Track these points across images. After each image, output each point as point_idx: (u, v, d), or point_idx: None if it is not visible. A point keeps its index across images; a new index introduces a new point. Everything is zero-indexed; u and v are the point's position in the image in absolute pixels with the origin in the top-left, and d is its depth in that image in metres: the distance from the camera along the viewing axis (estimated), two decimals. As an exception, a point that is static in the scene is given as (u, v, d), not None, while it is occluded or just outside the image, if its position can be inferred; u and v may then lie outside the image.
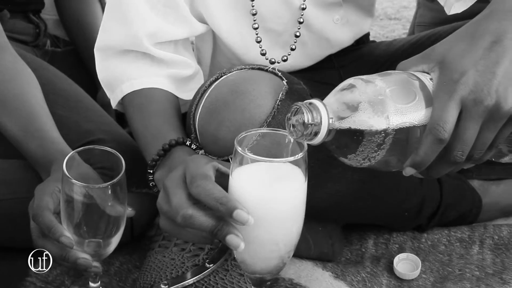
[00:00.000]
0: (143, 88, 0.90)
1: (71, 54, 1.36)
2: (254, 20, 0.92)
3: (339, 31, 1.01)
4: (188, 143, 0.82)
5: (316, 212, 0.92)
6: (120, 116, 1.25)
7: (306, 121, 0.63)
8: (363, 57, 1.11)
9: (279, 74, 0.84)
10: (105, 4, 1.39)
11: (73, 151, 0.77)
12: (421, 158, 0.64)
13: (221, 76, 0.83)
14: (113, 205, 0.76)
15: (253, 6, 0.92)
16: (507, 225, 1.06)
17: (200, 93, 0.83)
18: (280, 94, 0.80)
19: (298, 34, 0.96)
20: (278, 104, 0.80)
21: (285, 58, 0.97)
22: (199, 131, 0.82)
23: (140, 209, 0.92)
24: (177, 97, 0.93)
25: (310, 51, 1.01)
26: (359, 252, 1.00)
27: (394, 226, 1.02)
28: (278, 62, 0.96)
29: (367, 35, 1.13)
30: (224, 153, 0.80)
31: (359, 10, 1.03)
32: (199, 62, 1.01)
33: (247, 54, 0.96)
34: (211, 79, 0.83)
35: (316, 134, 0.64)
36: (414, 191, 0.98)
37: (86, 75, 1.33)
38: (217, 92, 0.81)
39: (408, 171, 0.66)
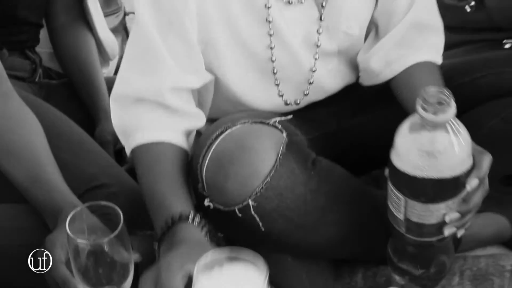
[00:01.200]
0: (153, 143, 0.93)
1: (65, 87, 1.39)
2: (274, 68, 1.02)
3: (332, 79, 1.09)
4: (190, 218, 0.86)
5: (311, 253, 0.99)
6: (119, 153, 1.29)
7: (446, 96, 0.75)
8: (348, 93, 1.18)
9: (279, 127, 0.90)
10: (98, 38, 1.42)
11: (76, 209, 0.81)
12: (484, 172, 0.82)
13: (226, 130, 0.88)
14: (119, 253, 0.80)
15: (272, 54, 1.00)
16: (485, 256, 1.13)
17: (207, 145, 0.88)
18: (281, 147, 0.87)
19: (311, 81, 1.06)
20: (280, 157, 0.86)
21: (298, 101, 1.07)
22: (206, 182, 0.87)
23: (145, 251, 0.97)
24: (186, 152, 0.96)
25: (299, 91, 1.08)
26: (349, 285, 1.07)
27: (383, 260, 1.09)
28: (291, 105, 1.06)
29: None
30: (230, 203, 0.86)
31: (351, 61, 1.10)
32: (200, 104, 1.05)
33: (255, 97, 1.04)
34: (217, 133, 0.88)
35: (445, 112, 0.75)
36: None
37: (82, 109, 1.36)
38: (223, 146, 0.87)
39: (473, 183, 0.81)
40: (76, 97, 1.38)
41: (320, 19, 1.00)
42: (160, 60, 0.93)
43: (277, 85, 1.04)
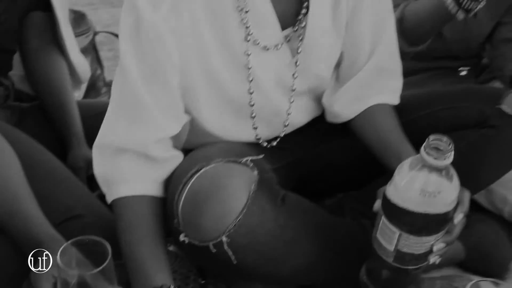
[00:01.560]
0: (135, 196, 0.97)
1: (37, 110, 1.40)
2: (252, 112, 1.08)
3: (302, 116, 1.16)
4: None
5: (281, 282, 1.05)
6: (91, 178, 1.32)
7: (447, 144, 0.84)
8: (314, 123, 1.24)
9: (251, 165, 0.95)
10: (70, 62, 1.44)
11: (66, 243, 0.85)
12: (466, 207, 0.91)
13: (201, 169, 0.93)
14: (104, 285, 0.85)
15: (251, 98, 1.05)
16: (440, 277, 1.21)
17: (183, 183, 0.92)
18: (253, 186, 0.92)
19: (287, 123, 1.13)
20: (251, 195, 0.92)
21: (274, 144, 1.13)
22: (182, 218, 0.92)
23: (119, 280, 1.01)
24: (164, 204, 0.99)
25: (275, 132, 1.15)
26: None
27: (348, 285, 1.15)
28: (267, 143, 1.13)
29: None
30: (204, 239, 0.91)
31: (318, 97, 1.17)
32: (176, 138, 1.08)
33: (231, 136, 1.09)
34: (192, 171, 0.93)
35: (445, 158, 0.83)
36: (363, 250, 1.11)
37: (54, 133, 1.37)
38: (198, 185, 0.91)
39: (460, 217, 0.90)
40: (48, 121, 1.39)
41: (296, 64, 1.06)
42: (146, 112, 0.96)
43: (255, 128, 1.10)
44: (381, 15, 1.10)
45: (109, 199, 1.00)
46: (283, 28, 1.02)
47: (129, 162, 0.97)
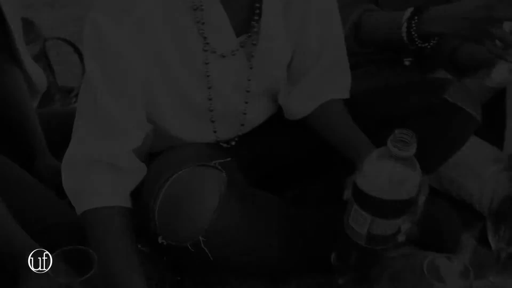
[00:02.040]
0: (105, 207, 0.99)
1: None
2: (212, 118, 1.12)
3: (260, 116, 1.23)
4: None
5: (253, 273, 1.12)
6: (57, 187, 1.33)
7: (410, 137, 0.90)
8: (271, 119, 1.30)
9: (219, 167, 1.01)
10: (26, 74, 1.44)
11: (52, 255, 0.89)
12: (427, 191, 1.02)
13: (173, 174, 0.98)
14: None
15: (211, 104, 1.10)
16: (399, 256, 1.29)
17: (157, 189, 0.97)
18: (223, 188, 0.98)
19: (243, 123, 1.17)
20: (222, 196, 0.97)
21: (234, 143, 1.18)
22: (159, 222, 0.97)
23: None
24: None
25: (234, 133, 1.21)
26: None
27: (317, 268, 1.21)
28: (228, 143, 1.18)
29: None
30: (182, 240, 0.97)
31: (273, 96, 1.23)
32: (140, 147, 1.13)
33: (193, 139, 1.14)
34: (165, 177, 0.98)
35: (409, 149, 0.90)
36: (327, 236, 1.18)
37: (16, 145, 1.38)
38: (172, 190, 0.96)
39: (423, 199, 1.01)
40: (8, 133, 1.39)
41: (251, 67, 1.11)
42: (115, 125, 0.99)
43: (215, 131, 1.15)
44: (328, 17, 1.17)
45: (80, 210, 1.01)
46: (238, 34, 1.07)
47: (100, 174, 1.00)
